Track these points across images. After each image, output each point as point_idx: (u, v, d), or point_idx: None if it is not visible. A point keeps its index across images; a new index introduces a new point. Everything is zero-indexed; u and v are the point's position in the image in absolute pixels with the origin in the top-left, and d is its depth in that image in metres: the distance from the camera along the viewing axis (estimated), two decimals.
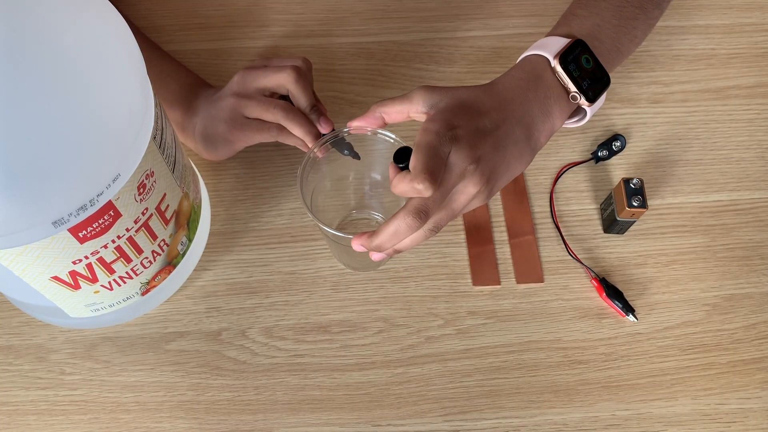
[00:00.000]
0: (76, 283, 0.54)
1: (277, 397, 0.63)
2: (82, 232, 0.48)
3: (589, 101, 0.57)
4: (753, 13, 0.81)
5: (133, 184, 0.49)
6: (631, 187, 0.65)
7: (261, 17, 0.79)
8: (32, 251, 0.48)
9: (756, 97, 0.76)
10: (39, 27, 0.41)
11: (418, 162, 0.50)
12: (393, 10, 0.80)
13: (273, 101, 0.63)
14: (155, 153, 0.51)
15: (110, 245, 0.52)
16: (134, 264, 0.55)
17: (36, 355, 0.64)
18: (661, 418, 0.63)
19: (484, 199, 0.54)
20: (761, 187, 0.72)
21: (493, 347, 0.65)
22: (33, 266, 0.50)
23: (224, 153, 0.66)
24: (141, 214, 0.52)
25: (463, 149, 0.51)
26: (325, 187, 0.63)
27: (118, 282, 0.56)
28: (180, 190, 0.57)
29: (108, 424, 0.62)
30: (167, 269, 0.60)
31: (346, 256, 0.66)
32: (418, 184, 0.49)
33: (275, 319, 0.65)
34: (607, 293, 0.66)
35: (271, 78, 0.63)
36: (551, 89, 0.56)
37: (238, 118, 0.64)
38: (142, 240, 0.54)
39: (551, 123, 0.56)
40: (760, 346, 0.66)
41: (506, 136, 0.54)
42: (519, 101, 0.55)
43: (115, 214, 0.49)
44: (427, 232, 0.53)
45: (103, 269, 0.53)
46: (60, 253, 0.49)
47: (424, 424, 0.62)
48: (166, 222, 0.56)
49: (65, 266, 0.51)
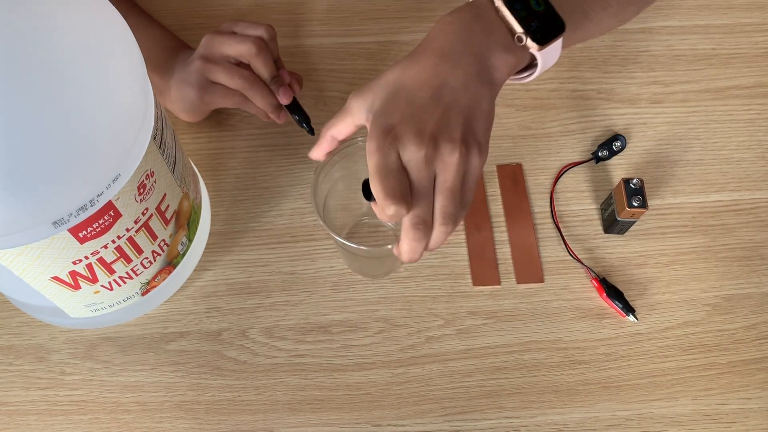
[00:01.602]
0: (76, 283, 0.54)
1: (277, 398, 0.63)
2: (83, 233, 0.48)
3: (538, 43, 0.51)
4: (753, 13, 0.81)
5: (133, 185, 0.49)
6: (632, 187, 0.65)
7: (261, 17, 0.79)
8: (32, 251, 0.48)
9: (756, 97, 0.76)
10: (39, 27, 0.41)
11: (377, 191, 0.48)
12: (393, 10, 0.80)
13: (237, 69, 0.65)
14: (155, 153, 0.51)
15: (110, 245, 0.51)
16: (134, 264, 0.55)
17: (36, 355, 0.64)
18: (661, 418, 0.63)
19: (478, 155, 0.50)
20: (762, 187, 0.72)
21: (493, 347, 0.65)
22: (33, 266, 0.50)
23: (196, 115, 0.69)
24: (141, 214, 0.52)
25: (409, 142, 0.48)
26: (337, 192, 0.63)
27: (119, 282, 0.56)
28: (180, 190, 0.57)
29: (108, 424, 0.62)
30: (167, 269, 0.60)
31: (357, 264, 0.66)
32: (388, 211, 0.47)
33: (275, 319, 0.65)
34: (607, 293, 0.66)
35: (233, 47, 0.65)
36: (492, 26, 0.52)
37: (203, 82, 0.65)
38: (142, 240, 0.54)
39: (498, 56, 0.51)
40: (760, 346, 0.66)
41: (451, 90, 0.50)
42: (450, 48, 0.51)
43: (116, 214, 0.49)
44: (441, 227, 0.50)
45: (103, 269, 0.53)
46: (60, 253, 0.49)
47: (424, 424, 0.62)
48: (166, 222, 0.56)
49: (65, 266, 0.51)
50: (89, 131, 0.44)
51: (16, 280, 0.51)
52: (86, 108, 0.43)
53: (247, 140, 0.73)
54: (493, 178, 0.71)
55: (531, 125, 0.74)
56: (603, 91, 0.76)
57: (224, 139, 0.73)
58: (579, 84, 0.76)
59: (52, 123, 0.41)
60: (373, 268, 0.65)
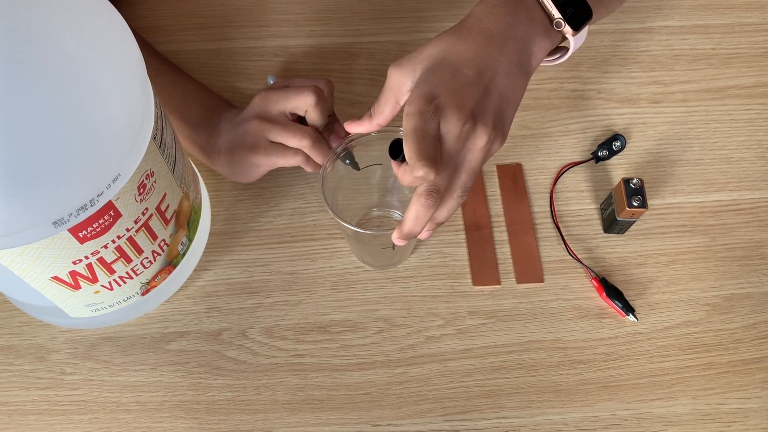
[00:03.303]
0: (76, 283, 0.54)
1: (277, 397, 0.63)
2: (83, 232, 0.48)
3: (573, 28, 0.55)
4: (753, 12, 0.81)
5: (133, 185, 0.49)
6: (631, 187, 0.65)
7: (261, 17, 0.79)
8: (32, 251, 0.48)
9: (756, 97, 0.76)
10: (39, 27, 0.41)
11: (410, 151, 0.49)
12: (393, 10, 0.80)
13: (299, 127, 0.62)
14: (155, 153, 0.51)
15: (110, 245, 0.51)
16: (134, 264, 0.55)
17: (36, 355, 0.64)
18: (661, 417, 0.63)
19: (500, 142, 0.53)
20: (761, 186, 0.72)
21: (493, 347, 0.65)
22: (33, 266, 0.50)
23: (250, 176, 0.65)
24: (141, 214, 0.52)
25: (452, 115, 0.50)
26: (345, 186, 0.63)
27: (119, 282, 0.56)
28: (180, 190, 0.57)
29: (108, 424, 0.62)
30: (167, 269, 0.60)
31: (368, 255, 0.66)
32: (417, 172, 0.49)
33: (275, 319, 0.65)
34: (607, 293, 0.66)
35: (291, 100, 0.62)
36: (533, 11, 0.54)
37: (261, 142, 0.63)
38: (142, 240, 0.54)
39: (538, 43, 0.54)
40: (760, 345, 0.66)
41: (494, 74, 0.52)
42: (498, 31, 0.53)
43: (116, 214, 0.49)
44: (457, 198, 0.52)
45: (103, 269, 0.53)
46: (60, 253, 0.49)
47: (424, 424, 0.62)
48: (166, 222, 0.56)
49: (65, 266, 0.51)
50: (89, 131, 0.44)
51: (17, 280, 0.51)
52: (86, 108, 0.43)
53: None
54: (493, 178, 0.71)
55: (531, 125, 0.74)
56: (603, 90, 0.76)
57: None
58: (579, 84, 0.76)
59: (52, 123, 0.41)
60: (383, 256, 0.65)
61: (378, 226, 0.68)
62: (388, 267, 0.67)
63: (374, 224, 0.68)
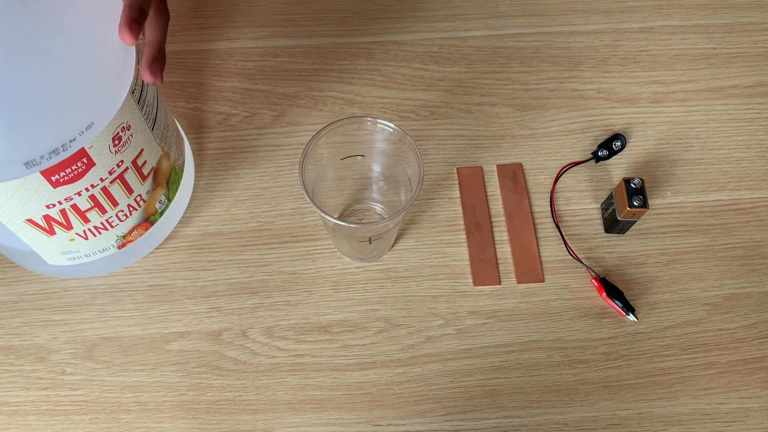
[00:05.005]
0: (50, 228, 0.55)
1: (277, 397, 0.63)
2: (55, 176, 0.50)
3: None
4: (753, 12, 0.81)
5: (107, 135, 0.51)
6: (632, 186, 0.65)
7: (261, 17, 0.79)
8: (6, 190, 0.49)
9: (756, 96, 0.76)
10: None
11: None
12: (393, 10, 0.80)
13: None
14: (133, 107, 0.52)
15: (84, 193, 0.53)
16: (109, 215, 0.57)
17: (37, 355, 0.64)
18: (661, 417, 0.63)
19: None
20: (761, 186, 0.72)
21: (493, 347, 0.65)
22: (7, 206, 0.51)
23: None
24: (116, 165, 0.53)
25: None
26: (327, 178, 0.63)
27: (93, 232, 0.57)
28: (160, 148, 0.58)
29: (109, 424, 0.62)
30: (144, 225, 0.61)
31: (348, 247, 0.66)
32: None
33: (276, 319, 0.66)
34: (607, 293, 0.66)
35: None
36: None
37: None
38: (117, 192, 0.55)
39: None
40: (760, 345, 0.66)
41: None
42: None
43: (89, 162, 0.51)
44: None
45: (77, 217, 0.55)
46: (33, 195, 0.51)
47: (424, 424, 0.62)
48: (143, 178, 0.57)
49: (39, 210, 0.53)
50: (63, 73, 0.45)
51: None
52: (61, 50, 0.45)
53: (247, 140, 0.73)
54: (493, 178, 0.71)
55: (531, 125, 0.74)
56: (603, 90, 0.76)
57: (224, 139, 0.73)
58: (579, 84, 0.76)
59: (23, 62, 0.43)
60: (363, 249, 0.66)
61: (362, 219, 0.68)
62: (368, 259, 0.67)
63: (356, 219, 0.68)
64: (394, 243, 0.68)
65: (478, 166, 0.72)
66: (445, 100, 0.75)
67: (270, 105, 0.75)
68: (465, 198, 0.70)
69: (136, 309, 0.66)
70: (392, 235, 0.65)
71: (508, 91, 0.76)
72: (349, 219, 0.68)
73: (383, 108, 0.74)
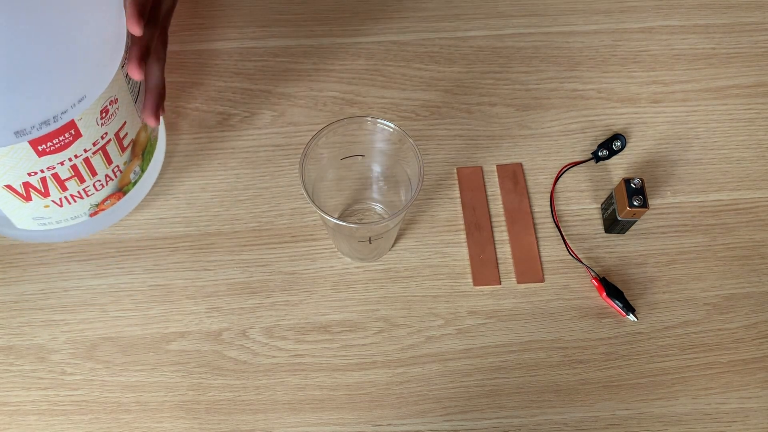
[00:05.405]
0: (27, 194, 0.56)
1: (277, 397, 0.63)
2: (42, 146, 0.51)
3: None
4: (753, 12, 0.81)
5: (96, 108, 0.52)
6: (632, 186, 0.65)
7: (261, 17, 0.79)
8: None
9: (756, 96, 0.76)
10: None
11: None
12: (393, 10, 0.80)
13: None
14: (121, 82, 0.54)
15: (67, 163, 0.54)
16: (87, 185, 0.58)
17: (37, 355, 0.64)
18: (661, 417, 0.63)
19: None
20: (761, 186, 0.72)
21: (493, 347, 0.65)
22: None
23: None
24: (100, 137, 0.55)
25: None
26: (327, 178, 0.63)
27: (69, 200, 0.58)
28: (140, 121, 0.60)
29: (109, 424, 0.62)
30: (117, 195, 0.62)
31: (348, 247, 0.66)
32: None
33: (276, 319, 0.65)
34: (607, 293, 0.66)
35: None
36: None
37: None
38: (97, 163, 0.57)
39: None
40: (760, 345, 0.66)
41: None
42: None
43: (76, 133, 0.52)
44: None
45: (56, 185, 0.56)
46: (17, 162, 0.51)
47: (424, 424, 0.62)
48: (122, 149, 0.58)
49: (20, 177, 0.53)
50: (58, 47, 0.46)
51: None
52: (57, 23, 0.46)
53: (247, 140, 0.73)
54: (493, 178, 0.71)
55: (531, 125, 0.74)
56: (603, 90, 0.76)
57: (224, 139, 0.73)
58: (579, 84, 0.76)
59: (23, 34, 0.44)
60: (363, 249, 0.66)
61: (362, 219, 0.68)
62: (368, 259, 0.67)
63: (356, 219, 0.68)
64: (394, 243, 0.68)
65: (478, 166, 0.72)
66: (445, 100, 0.75)
67: (270, 105, 0.75)
68: (465, 198, 0.70)
69: (136, 309, 0.66)
70: (392, 235, 0.65)
71: (508, 91, 0.76)
72: (349, 219, 0.68)
73: (383, 108, 0.74)
